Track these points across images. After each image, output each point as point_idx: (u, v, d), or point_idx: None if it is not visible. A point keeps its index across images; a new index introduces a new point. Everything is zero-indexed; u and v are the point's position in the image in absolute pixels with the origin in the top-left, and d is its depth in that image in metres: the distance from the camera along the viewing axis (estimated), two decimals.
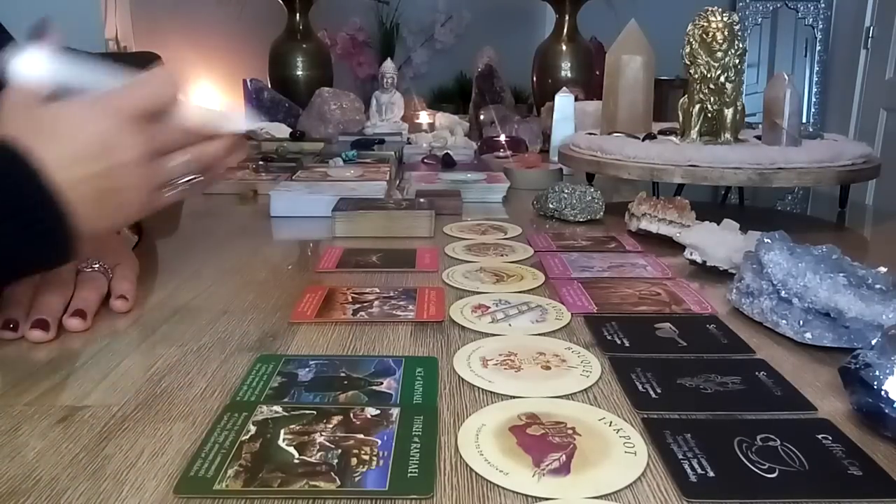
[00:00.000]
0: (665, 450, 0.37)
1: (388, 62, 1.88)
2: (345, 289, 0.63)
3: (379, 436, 0.38)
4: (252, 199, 1.09)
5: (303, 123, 1.87)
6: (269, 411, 0.40)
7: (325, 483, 0.33)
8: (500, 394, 0.43)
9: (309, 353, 0.49)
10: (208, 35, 3.06)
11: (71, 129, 0.47)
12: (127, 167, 0.48)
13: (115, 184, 0.47)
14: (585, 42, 2.12)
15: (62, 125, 0.47)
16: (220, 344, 0.51)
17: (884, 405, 0.38)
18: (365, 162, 1.32)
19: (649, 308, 0.59)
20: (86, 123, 0.47)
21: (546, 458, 0.36)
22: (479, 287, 0.64)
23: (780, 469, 0.35)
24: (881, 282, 0.51)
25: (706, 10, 0.92)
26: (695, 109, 0.96)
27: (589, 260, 0.73)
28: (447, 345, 0.51)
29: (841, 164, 0.89)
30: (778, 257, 0.54)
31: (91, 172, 0.46)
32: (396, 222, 0.85)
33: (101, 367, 0.47)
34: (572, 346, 0.51)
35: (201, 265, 0.72)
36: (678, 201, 0.80)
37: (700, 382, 0.45)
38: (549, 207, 0.94)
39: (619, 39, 1.18)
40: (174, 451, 0.37)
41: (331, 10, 2.76)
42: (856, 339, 0.49)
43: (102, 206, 0.47)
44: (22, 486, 0.33)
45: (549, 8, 2.19)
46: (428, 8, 3.27)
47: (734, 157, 0.88)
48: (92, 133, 0.47)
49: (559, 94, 1.42)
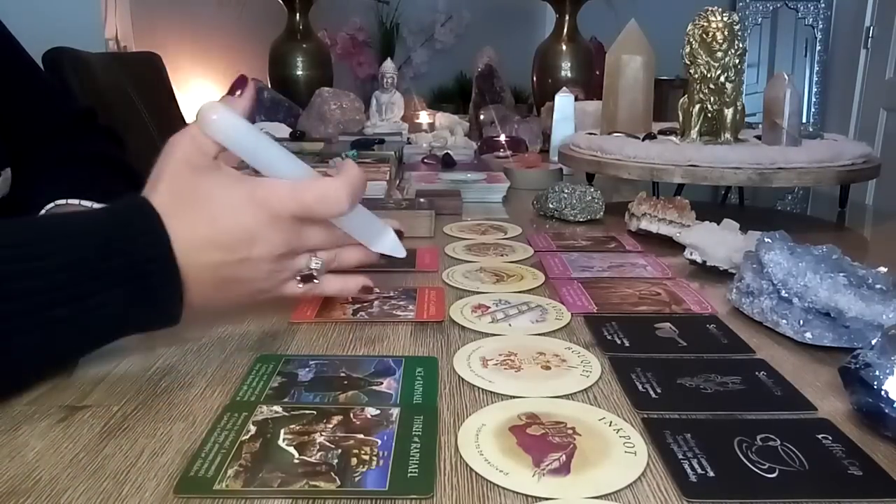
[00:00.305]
0: (665, 450, 0.37)
1: (388, 62, 1.88)
2: None
3: (379, 436, 0.38)
4: None
5: (303, 123, 1.87)
6: (269, 411, 0.40)
7: (325, 483, 0.33)
8: (500, 394, 0.43)
9: (309, 353, 0.49)
10: (208, 35, 3.06)
11: (217, 213, 0.44)
12: (257, 263, 0.46)
13: (239, 275, 0.46)
14: (585, 42, 2.12)
15: (211, 206, 0.44)
16: (220, 344, 0.51)
17: (884, 405, 0.38)
18: (365, 162, 1.32)
19: (649, 308, 0.59)
20: (234, 213, 0.44)
21: (546, 458, 0.36)
22: (479, 287, 0.64)
23: (780, 469, 0.35)
24: (881, 282, 0.51)
25: (706, 10, 0.92)
26: (695, 109, 0.96)
27: (589, 260, 0.73)
28: (447, 345, 0.51)
29: (841, 164, 0.89)
30: (778, 257, 0.54)
31: (220, 261, 0.44)
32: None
33: (101, 367, 0.47)
34: (572, 346, 0.51)
35: None
36: (678, 201, 0.80)
37: (700, 382, 0.45)
38: (549, 207, 0.94)
39: (619, 39, 1.18)
40: (174, 451, 0.37)
41: (331, 10, 2.76)
42: (856, 339, 0.49)
43: (220, 292, 0.46)
44: (22, 486, 0.33)
45: (549, 8, 2.19)
46: (428, 8, 3.27)
47: (734, 157, 0.88)
48: (235, 225, 0.44)
49: (559, 94, 1.41)
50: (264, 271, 0.46)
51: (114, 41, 2.74)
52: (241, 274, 0.46)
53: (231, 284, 0.46)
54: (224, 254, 0.44)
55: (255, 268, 0.46)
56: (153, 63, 1.89)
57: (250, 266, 0.46)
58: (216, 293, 0.46)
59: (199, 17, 3.04)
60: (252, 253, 0.45)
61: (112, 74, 1.58)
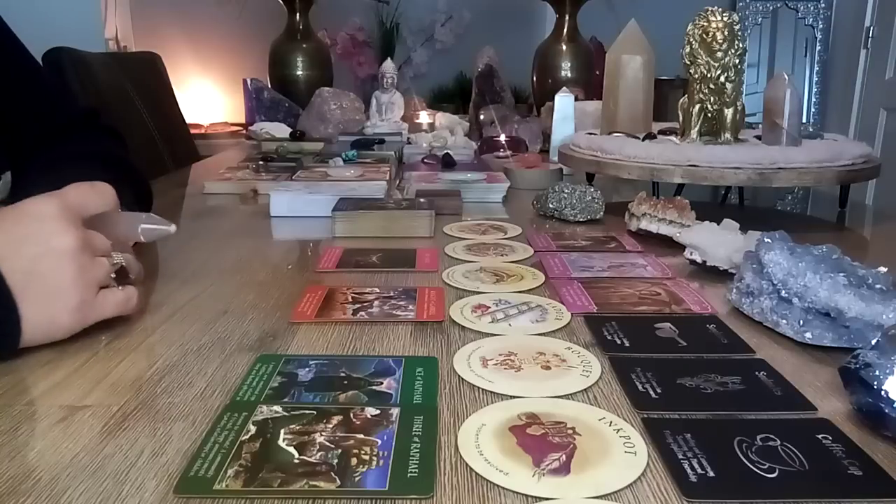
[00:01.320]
0: (665, 450, 0.37)
1: (388, 62, 1.87)
2: (345, 289, 0.63)
3: (379, 436, 0.38)
4: (252, 199, 1.09)
5: (303, 123, 1.87)
6: (269, 411, 0.40)
7: (325, 483, 0.33)
8: (500, 394, 0.43)
9: (309, 353, 0.49)
10: (208, 35, 3.06)
11: (13, 211, 0.49)
12: (60, 256, 0.48)
13: (46, 272, 0.47)
14: (585, 42, 2.12)
15: (9, 209, 0.49)
16: (220, 344, 0.51)
17: (884, 405, 0.38)
18: (365, 162, 1.32)
19: (649, 308, 0.59)
20: (24, 206, 0.49)
21: (546, 458, 0.36)
22: (479, 287, 0.64)
23: (780, 469, 0.35)
24: (881, 282, 0.51)
25: (706, 10, 0.92)
26: (695, 109, 0.96)
27: (589, 260, 0.73)
28: (447, 345, 0.51)
29: (841, 164, 0.89)
30: (778, 257, 0.54)
31: (22, 251, 0.47)
32: (396, 222, 0.85)
33: (101, 367, 0.47)
34: (572, 345, 0.51)
35: (201, 265, 0.72)
36: (678, 201, 0.80)
37: (700, 382, 0.45)
38: (549, 207, 0.94)
39: (619, 39, 1.18)
40: (174, 450, 0.37)
41: (331, 10, 2.76)
42: (856, 338, 0.49)
43: (35, 289, 0.47)
44: (22, 486, 0.33)
45: (549, 8, 2.19)
46: (428, 8, 3.27)
47: (734, 157, 0.88)
48: (28, 212, 0.48)
49: (559, 94, 1.41)
50: (72, 268, 0.48)
51: (114, 41, 2.74)
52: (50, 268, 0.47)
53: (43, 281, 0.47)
54: (26, 245, 0.47)
55: (63, 264, 0.48)
56: (153, 63, 1.89)
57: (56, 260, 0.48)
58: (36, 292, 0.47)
59: (199, 17, 3.03)
60: (50, 243, 0.48)
61: (112, 74, 1.58)
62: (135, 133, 1.57)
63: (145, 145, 1.61)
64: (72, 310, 0.49)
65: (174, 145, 1.74)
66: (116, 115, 1.47)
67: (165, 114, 1.79)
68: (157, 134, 1.67)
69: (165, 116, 1.78)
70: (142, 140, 1.60)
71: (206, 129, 2.85)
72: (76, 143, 0.74)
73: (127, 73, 1.65)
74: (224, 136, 2.70)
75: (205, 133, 2.75)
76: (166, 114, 1.80)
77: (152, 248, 0.77)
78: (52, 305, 0.48)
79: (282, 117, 1.95)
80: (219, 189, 1.14)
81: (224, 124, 2.95)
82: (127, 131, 0.88)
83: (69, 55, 1.40)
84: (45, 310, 0.48)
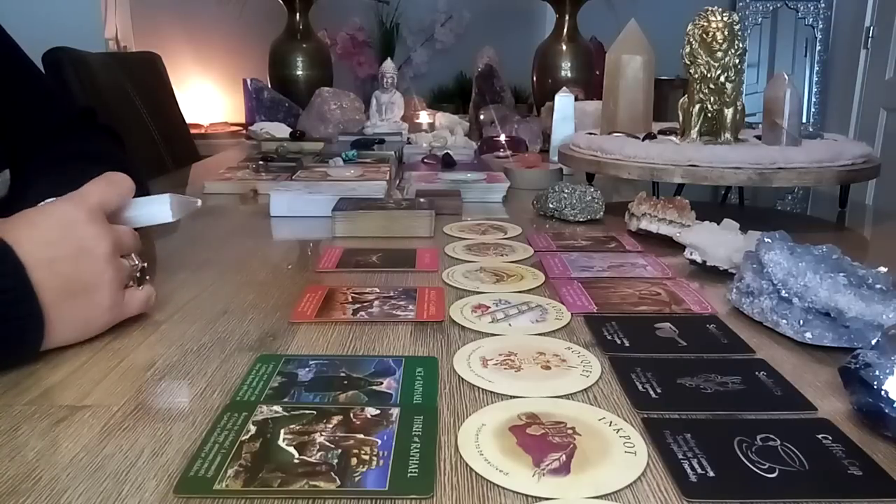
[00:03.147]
0: (665, 450, 0.37)
1: (388, 62, 1.87)
2: (345, 289, 0.63)
3: (379, 436, 0.38)
4: (252, 198, 1.09)
5: (303, 123, 1.87)
6: (269, 411, 0.40)
7: (325, 483, 0.33)
8: (500, 394, 0.43)
9: (309, 353, 0.49)
10: (208, 35, 3.06)
11: (40, 216, 0.49)
12: (96, 260, 0.49)
13: (82, 275, 0.48)
14: (585, 42, 2.12)
15: (35, 214, 0.49)
16: (220, 344, 0.51)
17: (884, 405, 0.38)
18: (365, 162, 1.32)
19: (649, 308, 0.59)
20: (53, 209, 0.49)
21: (546, 458, 0.36)
22: (479, 287, 0.64)
23: (780, 469, 0.35)
24: (881, 282, 0.51)
25: (706, 10, 0.92)
26: (695, 109, 0.96)
27: (589, 260, 0.73)
28: (447, 345, 0.51)
29: (841, 164, 0.89)
30: (778, 257, 0.54)
31: (58, 255, 0.47)
32: (396, 222, 0.85)
33: (101, 367, 0.47)
34: (572, 345, 0.51)
35: (201, 265, 0.72)
36: (678, 201, 0.80)
37: (700, 382, 0.45)
38: (549, 207, 0.94)
39: (619, 39, 1.18)
40: (174, 450, 0.37)
41: (331, 10, 2.76)
42: (856, 338, 0.49)
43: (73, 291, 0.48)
44: (22, 486, 0.33)
45: (549, 8, 2.19)
46: (428, 8, 3.27)
47: (734, 156, 0.88)
48: (57, 217, 0.49)
49: (559, 94, 1.41)
50: (107, 272, 0.49)
51: (114, 41, 2.74)
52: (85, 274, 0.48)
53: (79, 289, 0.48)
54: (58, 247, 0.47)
55: (98, 268, 0.49)
56: (153, 63, 1.89)
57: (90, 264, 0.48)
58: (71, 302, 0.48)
59: (199, 17, 3.03)
60: (84, 245, 0.48)
61: (112, 74, 1.58)
62: (135, 133, 1.57)
63: (145, 145, 1.61)
64: (105, 310, 0.51)
65: (174, 145, 1.74)
66: (116, 115, 1.48)
67: (165, 114, 1.79)
68: (157, 134, 1.67)
69: (165, 116, 1.78)
70: (142, 140, 1.60)
71: (206, 129, 2.85)
72: (73, 143, 0.74)
73: (127, 73, 1.65)
74: (224, 136, 2.70)
75: (205, 133, 2.75)
76: (166, 114, 1.80)
77: (152, 249, 0.77)
78: (88, 307, 0.49)
79: (282, 117, 1.95)
80: (219, 189, 1.14)
81: (224, 124, 2.95)
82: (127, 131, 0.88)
83: (69, 55, 1.40)
84: (82, 311, 0.49)
